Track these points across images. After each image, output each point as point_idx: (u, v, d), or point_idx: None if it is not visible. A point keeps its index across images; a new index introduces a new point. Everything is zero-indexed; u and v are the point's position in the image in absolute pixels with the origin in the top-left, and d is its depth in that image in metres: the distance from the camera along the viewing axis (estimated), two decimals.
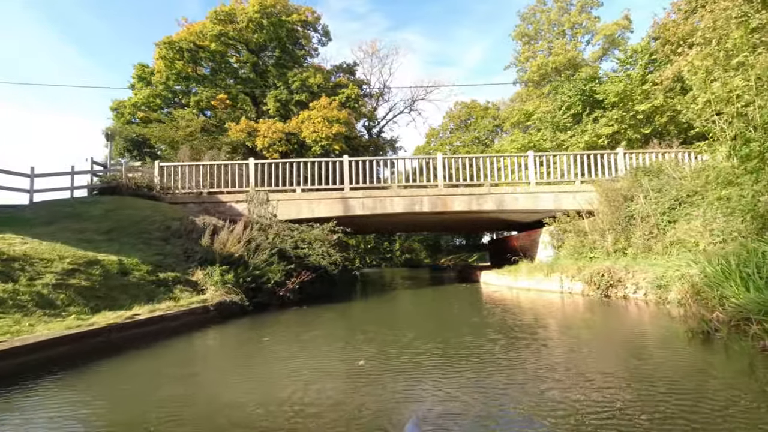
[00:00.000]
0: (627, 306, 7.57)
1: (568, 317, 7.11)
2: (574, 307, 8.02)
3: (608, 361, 4.08)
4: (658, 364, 3.87)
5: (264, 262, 9.74)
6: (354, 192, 13.46)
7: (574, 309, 7.87)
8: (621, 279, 8.20)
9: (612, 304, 7.84)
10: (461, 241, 58.34)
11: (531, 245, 15.64)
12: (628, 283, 8.09)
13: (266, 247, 10.43)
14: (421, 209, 13.43)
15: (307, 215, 13.31)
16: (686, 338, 4.52)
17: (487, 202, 13.48)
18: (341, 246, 15.84)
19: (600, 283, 8.44)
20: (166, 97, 23.24)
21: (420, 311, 9.08)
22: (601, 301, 8.35)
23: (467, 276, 19.49)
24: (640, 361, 3.98)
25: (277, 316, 8.35)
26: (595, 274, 8.55)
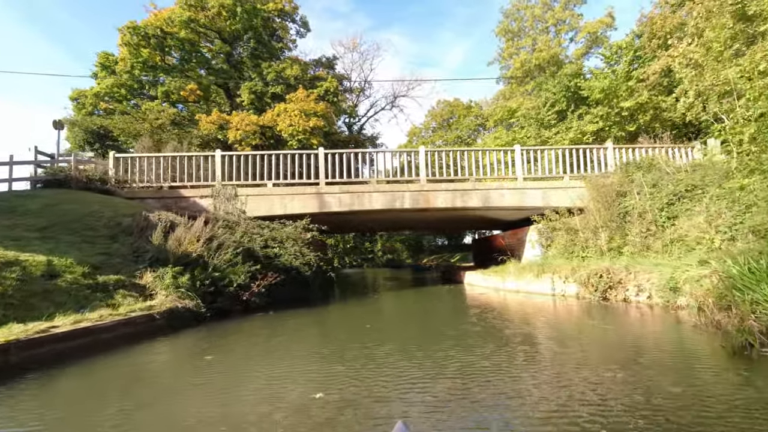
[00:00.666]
0: (629, 311, 6.84)
1: (568, 325, 6.31)
2: (571, 313, 7.25)
3: (647, 391, 3.04)
4: (717, 398, 2.86)
5: (226, 262, 8.68)
6: (330, 187, 12.49)
7: (572, 314, 7.10)
8: (621, 280, 7.48)
9: (612, 309, 7.10)
10: (443, 241, 57.93)
11: (518, 244, 14.94)
12: (629, 285, 7.37)
13: (230, 246, 9.37)
14: (402, 206, 12.55)
15: (279, 212, 12.27)
16: (726, 354, 3.73)
17: (472, 198, 12.69)
18: (318, 245, 14.84)
19: (598, 285, 7.71)
20: (131, 87, 21.76)
21: (400, 317, 8.17)
22: (599, 304, 7.61)
23: (451, 277, 18.72)
24: (690, 394, 2.97)
25: (238, 324, 7.33)
26: (592, 275, 7.82)
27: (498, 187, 12.81)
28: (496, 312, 7.98)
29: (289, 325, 7.16)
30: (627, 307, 7.11)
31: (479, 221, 17.40)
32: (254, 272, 8.96)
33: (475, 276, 14.31)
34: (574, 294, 8.63)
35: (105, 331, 5.45)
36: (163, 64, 22.31)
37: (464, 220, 17.01)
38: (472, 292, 12.75)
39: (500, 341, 5.13)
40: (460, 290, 13.52)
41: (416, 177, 13.03)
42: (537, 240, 12.89)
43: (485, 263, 17.97)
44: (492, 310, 8.30)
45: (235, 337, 6.12)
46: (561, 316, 7.04)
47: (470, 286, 14.27)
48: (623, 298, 7.51)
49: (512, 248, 15.44)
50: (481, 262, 19.51)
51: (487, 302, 9.66)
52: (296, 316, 8.24)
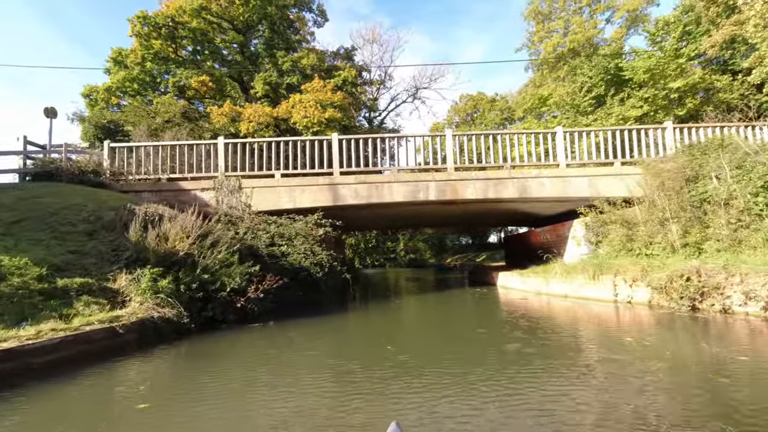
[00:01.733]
0: (742, 327, 5.12)
1: (675, 348, 4.63)
2: (658, 328, 5.57)
3: None
4: None
5: (220, 262, 7.35)
6: (345, 177, 11.07)
7: (663, 331, 5.42)
8: (719, 285, 5.76)
9: (712, 323, 5.39)
10: (467, 240, 55.90)
11: (557, 241, 13.16)
12: (730, 291, 5.64)
13: (228, 244, 8.07)
14: (427, 198, 11.01)
15: (287, 205, 10.94)
16: None
17: (507, 188, 11.04)
18: (333, 243, 13.48)
19: (684, 291, 5.99)
20: (142, 80, 20.97)
21: (428, 330, 6.66)
22: (687, 316, 5.89)
23: (480, 278, 17.03)
24: None
25: (223, 340, 5.98)
26: (676, 278, 6.09)
27: (537, 175, 11.11)
28: (548, 324, 6.38)
29: (293, 340, 5.75)
30: (733, 321, 5.39)
31: (512, 216, 15.65)
32: (253, 274, 7.59)
33: (510, 277, 12.63)
34: (645, 301, 6.92)
35: (39, 353, 4.15)
36: (176, 56, 21.43)
37: (494, 215, 15.31)
38: (508, 296, 11.09)
39: (579, 372, 3.58)
40: (494, 294, 11.87)
41: (442, 165, 11.47)
42: (584, 236, 11.12)
43: (519, 263, 16.20)
44: (541, 320, 6.70)
45: (206, 363, 4.72)
46: (648, 332, 5.37)
47: (504, 290, 12.60)
48: (722, 309, 5.78)
49: (551, 246, 13.67)
50: (514, 262, 17.74)
51: (531, 310, 8.04)
52: (301, 328, 6.85)
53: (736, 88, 18.06)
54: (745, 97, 18.10)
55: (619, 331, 5.52)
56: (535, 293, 10.45)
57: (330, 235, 10.81)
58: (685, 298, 5.96)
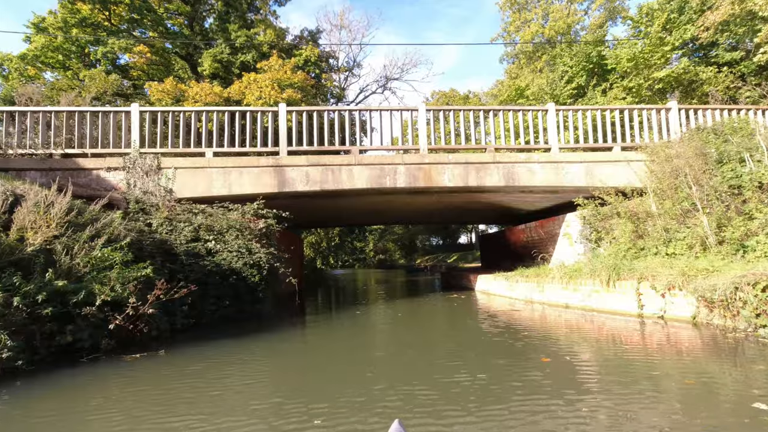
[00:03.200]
0: None
1: None
2: (741, 363, 3.76)
3: None
4: None
5: (94, 263, 5.07)
6: (294, 158, 8.94)
7: (754, 370, 3.60)
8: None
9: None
10: (438, 241, 54.76)
11: (545, 240, 11.48)
12: None
13: (113, 236, 5.79)
14: (395, 184, 9.02)
15: (221, 191, 8.69)
16: None
17: (491, 174, 9.21)
18: (281, 239, 11.30)
19: (757, 305, 4.21)
20: (67, 50, 17.98)
21: (396, 362, 4.63)
22: (759, 343, 4.14)
23: (455, 281, 15.20)
24: None
25: (78, 383, 3.76)
26: (743, 286, 4.28)
27: (526, 159, 9.33)
28: (557, 346, 4.53)
29: (165, 393, 3.57)
30: None
31: (494, 211, 13.90)
32: (148, 279, 5.34)
33: (491, 281, 10.81)
34: (688, 317, 5.16)
35: None
36: (109, 24, 18.55)
37: (474, 209, 13.51)
38: (492, 304, 9.25)
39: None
40: (473, 301, 10.02)
41: (414, 147, 9.51)
42: (580, 232, 9.45)
43: (497, 264, 14.50)
44: (548, 341, 4.83)
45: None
46: (719, 371, 3.56)
47: (486, 296, 10.77)
48: None
49: (536, 245, 11.99)
50: (491, 264, 16.04)
51: (526, 325, 6.19)
52: (211, 358, 4.69)
53: (721, 80, 17.07)
54: (730, 89, 17.19)
55: (667, 365, 3.70)
56: (525, 301, 8.64)
57: (273, 228, 8.64)
58: (760, 314, 4.21)
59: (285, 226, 8.93)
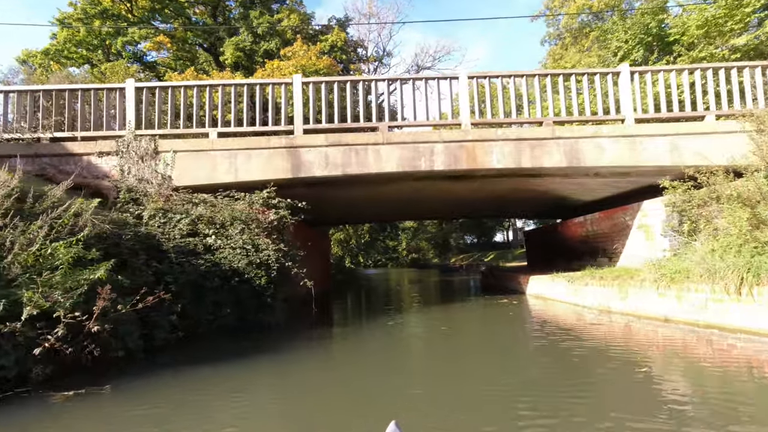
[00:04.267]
0: None
1: None
2: None
3: None
4: None
5: (41, 263, 3.83)
6: (311, 137, 7.56)
7: None
8: None
9: None
10: (473, 239, 52.54)
11: (612, 233, 9.58)
12: None
13: (62, 226, 4.55)
14: (431, 167, 7.47)
15: (226, 178, 7.42)
16: None
17: (550, 153, 7.48)
18: (303, 235, 10.04)
19: None
20: (89, 44, 17.48)
21: (442, 407, 3.11)
22: None
23: (498, 283, 13.41)
24: None
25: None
26: None
27: (594, 133, 7.54)
28: (699, 384, 2.89)
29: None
30: None
31: (542, 201, 12.05)
32: (101, 283, 4.04)
33: (548, 284, 9.02)
34: None
35: None
36: (130, 15, 17.93)
37: (523, 198, 11.70)
38: (552, 312, 7.54)
39: None
40: (526, 308, 8.32)
41: (454, 121, 7.91)
42: (665, 222, 7.55)
43: (548, 264, 12.63)
44: (671, 378, 3.19)
45: None
46: None
47: (540, 301, 9.02)
48: None
49: (600, 240, 10.10)
50: (540, 263, 14.14)
51: (626, 348, 4.50)
52: (180, 393, 3.33)
53: None
54: None
55: None
56: (599, 310, 6.84)
57: (286, 221, 7.28)
58: None
59: (301, 219, 7.56)
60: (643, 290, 5.79)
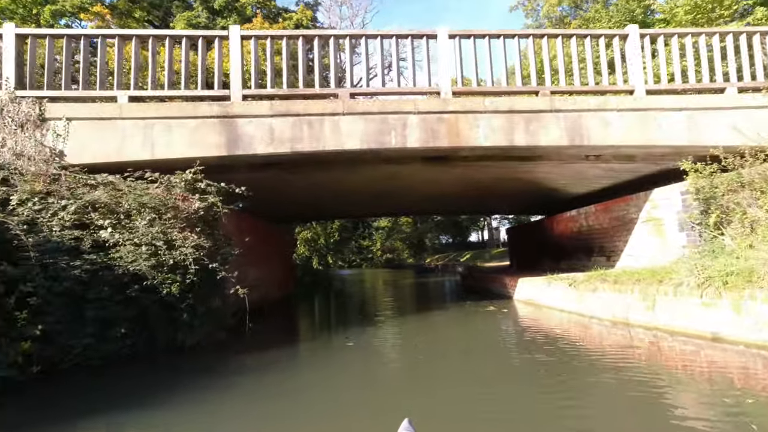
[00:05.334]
0: None
1: None
2: None
3: None
4: None
5: None
6: (252, 105, 5.96)
7: None
8: None
9: None
10: (448, 239, 51.72)
11: (611, 229, 8.35)
12: None
13: None
14: (403, 143, 5.99)
15: (141, 155, 5.73)
16: None
17: (548, 127, 6.13)
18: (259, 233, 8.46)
19: None
20: (13, 12, 15.18)
21: None
22: None
23: (479, 285, 12.07)
24: None
25: None
26: None
27: (599, 106, 6.23)
28: None
29: None
30: None
31: (529, 193, 10.77)
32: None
33: (542, 288, 7.67)
34: None
35: None
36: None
37: (505, 191, 10.38)
38: (549, 323, 6.22)
39: None
40: (516, 317, 6.96)
41: (432, 89, 6.44)
42: (681, 214, 6.32)
43: (535, 264, 11.40)
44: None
45: None
46: None
47: (533, 308, 7.68)
48: None
49: (597, 237, 8.87)
50: (526, 262, 12.89)
51: (667, 382, 3.13)
52: None
53: None
54: None
55: None
56: (611, 322, 5.48)
57: (218, 210, 5.64)
58: None
59: (239, 207, 5.92)
60: (679, 298, 4.47)
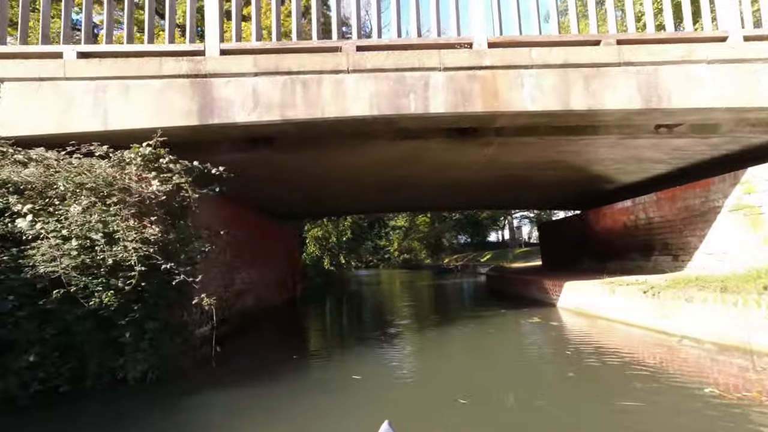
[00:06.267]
0: None
1: None
2: None
3: None
4: None
5: None
6: (231, 60, 4.67)
7: None
8: None
9: None
10: (466, 239, 50.22)
11: (681, 221, 6.79)
12: None
13: None
14: (425, 108, 4.63)
15: (89, 125, 4.52)
16: None
17: (616, 86, 4.68)
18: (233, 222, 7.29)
19: None
20: None
21: None
22: None
23: (510, 288, 10.55)
24: None
25: None
26: None
27: (684, 57, 4.73)
28: None
29: None
30: None
31: (569, 184, 9.23)
32: None
33: (598, 294, 6.16)
34: None
35: None
36: None
37: (538, 181, 8.86)
38: (628, 342, 4.79)
39: None
40: (575, 332, 5.50)
41: (461, 39, 5.01)
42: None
43: (574, 264, 9.87)
44: None
45: None
46: None
47: (585, 319, 6.19)
48: None
49: (659, 232, 7.31)
50: (562, 262, 11.32)
51: None
52: None
53: None
54: None
55: None
56: (719, 346, 3.92)
57: (187, 195, 4.36)
58: None
59: (218, 192, 4.62)
60: None
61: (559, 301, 7.31)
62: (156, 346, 3.56)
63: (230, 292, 6.62)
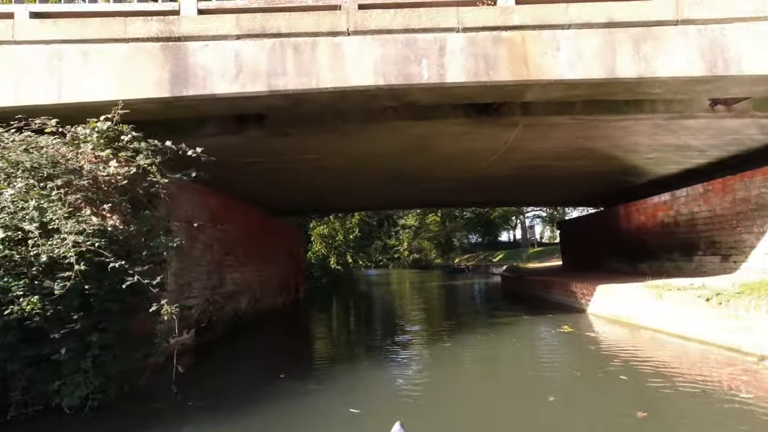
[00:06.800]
0: None
1: None
2: None
3: None
4: None
5: None
6: (209, 21, 3.91)
7: None
8: None
9: None
10: (477, 238, 49.35)
11: (734, 216, 5.89)
12: None
13: None
14: (441, 78, 3.86)
15: (42, 98, 3.84)
16: None
17: (671, 48, 3.86)
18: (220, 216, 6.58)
19: None
20: None
21: None
22: None
23: (530, 291, 9.70)
24: None
25: None
26: None
27: (755, 12, 3.89)
28: None
29: None
30: None
31: (602, 173, 8.32)
32: None
33: (639, 300, 5.34)
34: None
35: None
36: None
37: (567, 171, 7.97)
38: (689, 359, 4.02)
39: None
40: (617, 345, 4.73)
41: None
42: None
43: (596, 264, 8.99)
44: None
45: None
46: None
47: (622, 328, 5.42)
48: None
49: (705, 229, 6.43)
50: (584, 263, 10.43)
51: None
52: None
53: None
54: None
55: None
56: None
57: (155, 180, 3.62)
58: None
59: (187, 178, 3.89)
60: None
61: (589, 306, 6.46)
62: (101, 364, 2.84)
63: (219, 294, 5.90)
